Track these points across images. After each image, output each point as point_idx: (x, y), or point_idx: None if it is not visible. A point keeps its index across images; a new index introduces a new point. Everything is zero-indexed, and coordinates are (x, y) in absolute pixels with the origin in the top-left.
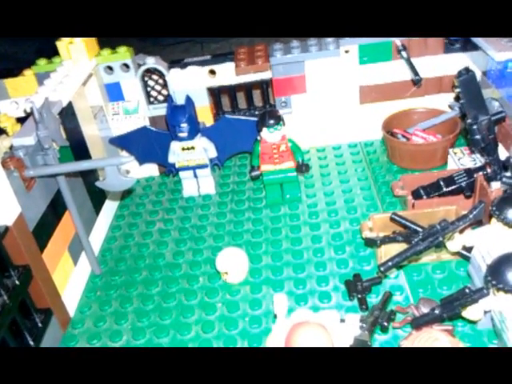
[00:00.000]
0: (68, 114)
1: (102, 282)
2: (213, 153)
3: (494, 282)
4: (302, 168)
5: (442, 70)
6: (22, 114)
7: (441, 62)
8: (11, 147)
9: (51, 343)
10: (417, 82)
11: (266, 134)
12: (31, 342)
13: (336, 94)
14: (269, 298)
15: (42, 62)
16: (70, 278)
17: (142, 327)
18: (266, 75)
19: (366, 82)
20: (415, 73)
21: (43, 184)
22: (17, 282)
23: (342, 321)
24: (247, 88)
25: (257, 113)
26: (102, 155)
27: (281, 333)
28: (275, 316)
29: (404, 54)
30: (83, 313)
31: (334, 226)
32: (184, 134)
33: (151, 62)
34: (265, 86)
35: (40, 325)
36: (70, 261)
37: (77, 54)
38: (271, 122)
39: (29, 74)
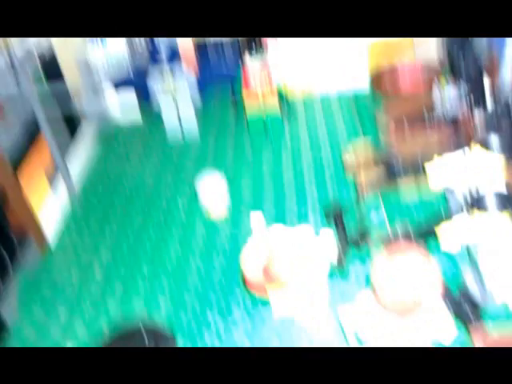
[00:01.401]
0: (51, 65)
1: (80, 206)
2: (193, 79)
3: (470, 202)
4: (289, 116)
5: None
6: None
7: None
8: None
9: (29, 267)
10: None
11: (249, 61)
12: (9, 266)
13: None
14: (247, 217)
15: None
16: (47, 202)
17: (120, 249)
18: None
19: None
20: None
21: (16, 107)
22: None
23: (317, 235)
24: None
25: None
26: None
27: (257, 246)
28: (252, 232)
29: None
30: (61, 237)
31: (316, 151)
32: (163, 58)
33: None
34: None
35: (17, 248)
36: (47, 185)
37: None
38: (252, 45)
39: None
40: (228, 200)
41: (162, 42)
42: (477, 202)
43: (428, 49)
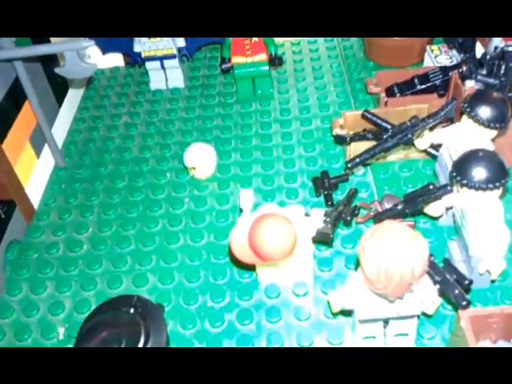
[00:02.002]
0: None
1: (67, 175)
2: (181, 42)
3: (458, 178)
4: (275, 61)
5: None
6: None
7: None
8: None
9: (15, 235)
10: None
11: None
12: None
13: None
14: (236, 193)
15: None
16: (32, 170)
17: (108, 220)
18: None
19: None
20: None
21: (0, 71)
22: None
23: (307, 215)
24: None
25: None
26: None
27: (245, 225)
28: (241, 210)
29: None
30: (48, 205)
31: (305, 124)
32: None
33: None
34: None
35: (3, 216)
36: (33, 152)
37: None
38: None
39: None
40: (215, 164)
41: None
42: (465, 176)
43: None
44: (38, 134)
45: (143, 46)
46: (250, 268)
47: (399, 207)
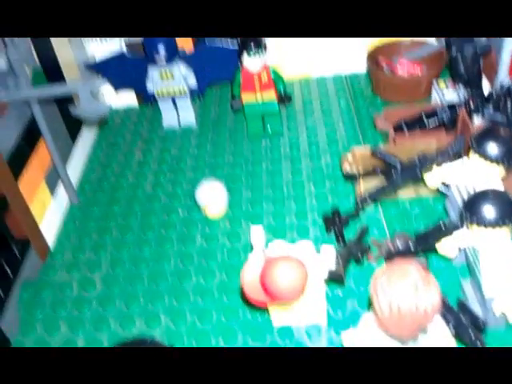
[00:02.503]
0: (41, 39)
1: (81, 213)
2: (192, 80)
3: (469, 216)
4: (284, 99)
5: None
6: None
7: None
8: None
9: (30, 274)
10: None
11: (247, 61)
12: (10, 273)
13: None
14: (248, 231)
15: None
16: (47, 209)
17: (121, 258)
18: None
19: None
20: None
21: (16, 111)
22: None
23: (318, 252)
24: None
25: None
26: (78, 81)
27: (257, 262)
28: (252, 248)
29: None
30: (62, 243)
31: (315, 160)
32: (162, 58)
33: None
34: None
35: (18, 255)
36: (47, 191)
37: None
38: (252, 45)
39: None
40: (226, 202)
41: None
42: (475, 214)
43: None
44: (53, 172)
45: (156, 85)
46: (263, 309)
47: (411, 246)
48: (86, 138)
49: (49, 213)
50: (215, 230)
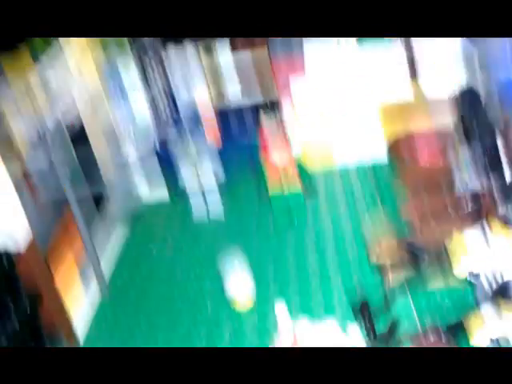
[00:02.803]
0: (80, 137)
1: (112, 308)
2: (221, 174)
3: (501, 298)
4: (309, 192)
5: None
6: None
7: None
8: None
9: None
10: None
11: (264, 122)
12: None
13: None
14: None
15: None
16: (79, 304)
17: None
18: None
19: None
20: None
21: (52, 208)
22: (28, 311)
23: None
24: None
25: None
26: (113, 178)
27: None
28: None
29: None
30: (92, 340)
31: (341, 252)
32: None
33: None
34: None
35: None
36: (81, 286)
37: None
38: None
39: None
40: (253, 289)
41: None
42: (502, 291)
43: (442, 113)
44: (87, 267)
45: (187, 180)
46: None
47: (443, 340)
48: (119, 234)
49: (81, 307)
50: (243, 325)
